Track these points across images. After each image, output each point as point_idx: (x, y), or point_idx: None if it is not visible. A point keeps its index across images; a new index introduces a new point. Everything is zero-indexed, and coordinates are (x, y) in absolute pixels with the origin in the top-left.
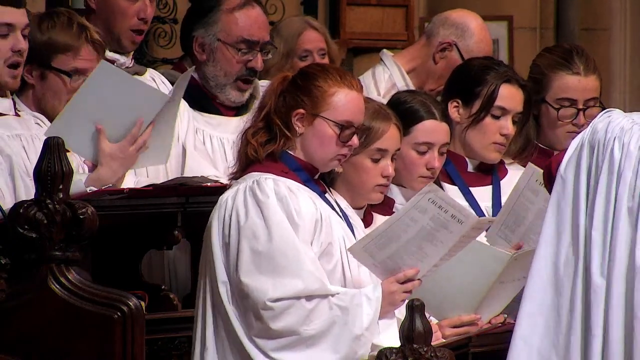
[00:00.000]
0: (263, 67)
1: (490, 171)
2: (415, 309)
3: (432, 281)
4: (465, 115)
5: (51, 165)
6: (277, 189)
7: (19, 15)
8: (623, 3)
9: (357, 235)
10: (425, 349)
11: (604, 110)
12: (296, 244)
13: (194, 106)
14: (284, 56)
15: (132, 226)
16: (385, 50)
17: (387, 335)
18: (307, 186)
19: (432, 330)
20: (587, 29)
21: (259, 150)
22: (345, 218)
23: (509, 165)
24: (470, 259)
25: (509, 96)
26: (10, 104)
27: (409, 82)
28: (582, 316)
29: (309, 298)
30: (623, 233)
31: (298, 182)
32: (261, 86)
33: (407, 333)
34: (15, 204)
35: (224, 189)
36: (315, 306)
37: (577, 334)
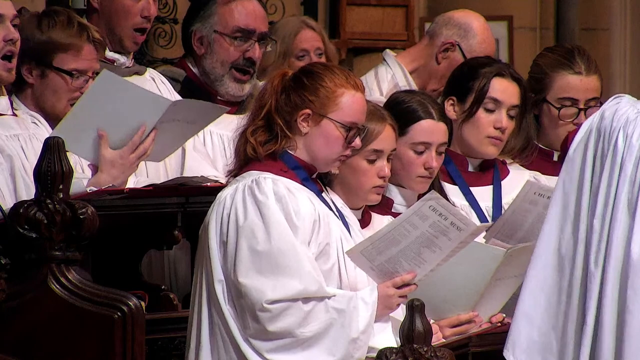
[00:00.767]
0: (261, 58)
1: (491, 171)
2: (415, 309)
3: (429, 283)
4: (461, 111)
5: (51, 165)
6: (276, 189)
7: (7, 5)
8: (623, 3)
9: (354, 235)
10: (425, 349)
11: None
12: (295, 245)
13: None
14: (281, 55)
15: (132, 226)
16: (388, 50)
17: (382, 337)
18: (305, 185)
19: (432, 330)
20: (587, 29)
21: (258, 149)
22: (342, 217)
23: (510, 165)
24: (465, 258)
25: (502, 89)
26: (7, 104)
27: (411, 82)
28: (579, 301)
29: (306, 300)
30: (621, 225)
31: (296, 181)
32: (260, 86)
33: (407, 333)
34: (15, 204)
35: (224, 188)
36: (312, 308)
37: (574, 317)
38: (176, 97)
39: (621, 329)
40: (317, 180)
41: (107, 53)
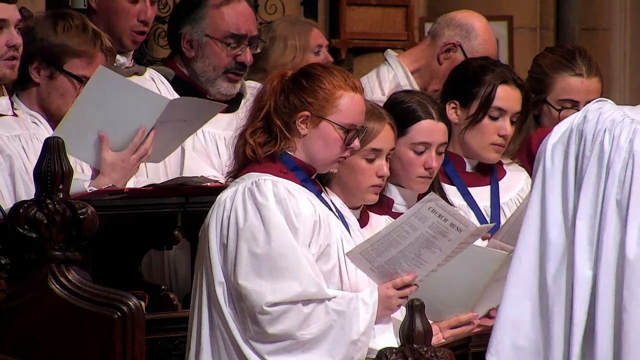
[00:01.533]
0: (252, 61)
1: (489, 171)
2: (415, 309)
3: (429, 286)
4: (464, 116)
5: (51, 165)
6: (276, 191)
7: (12, 10)
8: (623, 3)
9: (353, 235)
10: (425, 349)
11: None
12: (295, 247)
13: None
14: (300, 50)
15: (132, 226)
16: (389, 50)
17: (383, 338)
18: (305, 186)
19: (433, 330)
20: (587, 29)
21: (257, 150)
22: (341, 218)
23: (508, 165)
24: (467, 262)
25: (507, 97)
26: (7, 104)
27: (413, 82)
28: (567, 303)
29: (306, 302)
30: (612, 226)
31: (296, 182)
32: (248, 86)
33: (407, 333)
34: (15, 204)
35: (223, 189)
36: (312, 310)
37: (561, 320)
38: (175, 97)
39: (619, 328)
40: (317, 181)
41: None
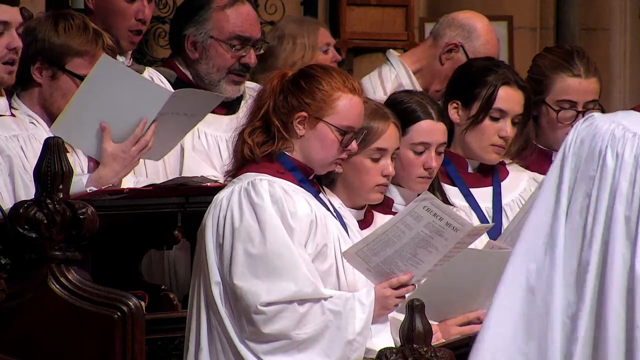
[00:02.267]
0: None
1: (491, 172)
2: (415, 309)
3: (435, 290)
4: (465, 117)
5: (51, 165)
6: (272, 191)
7: (14, 13)
8: (623, 3)
9: (351, 235)
10: (425, 349)
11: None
12: (290, 247)
13: None
14: (310, 49)
15: (132, 226)
16: (391, 50)
17: (380, 339)
18: (302, 186)
19: (432, 330)
20: (587, 29)
21: (255, 150)
22: (339, 218)
23: (509, 165)
24: (476, 266)
25: (508, 98)
26: (5, 104)
27: (415, 83)
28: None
29: (302, 302)
30: (619, 244)
31: (293, 183)
32: (247, 87)
33: (407, 333)
34: (15, 204)
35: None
36: (308, 310)
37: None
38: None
39: (630, 344)
40: (315, 181)
41: None
